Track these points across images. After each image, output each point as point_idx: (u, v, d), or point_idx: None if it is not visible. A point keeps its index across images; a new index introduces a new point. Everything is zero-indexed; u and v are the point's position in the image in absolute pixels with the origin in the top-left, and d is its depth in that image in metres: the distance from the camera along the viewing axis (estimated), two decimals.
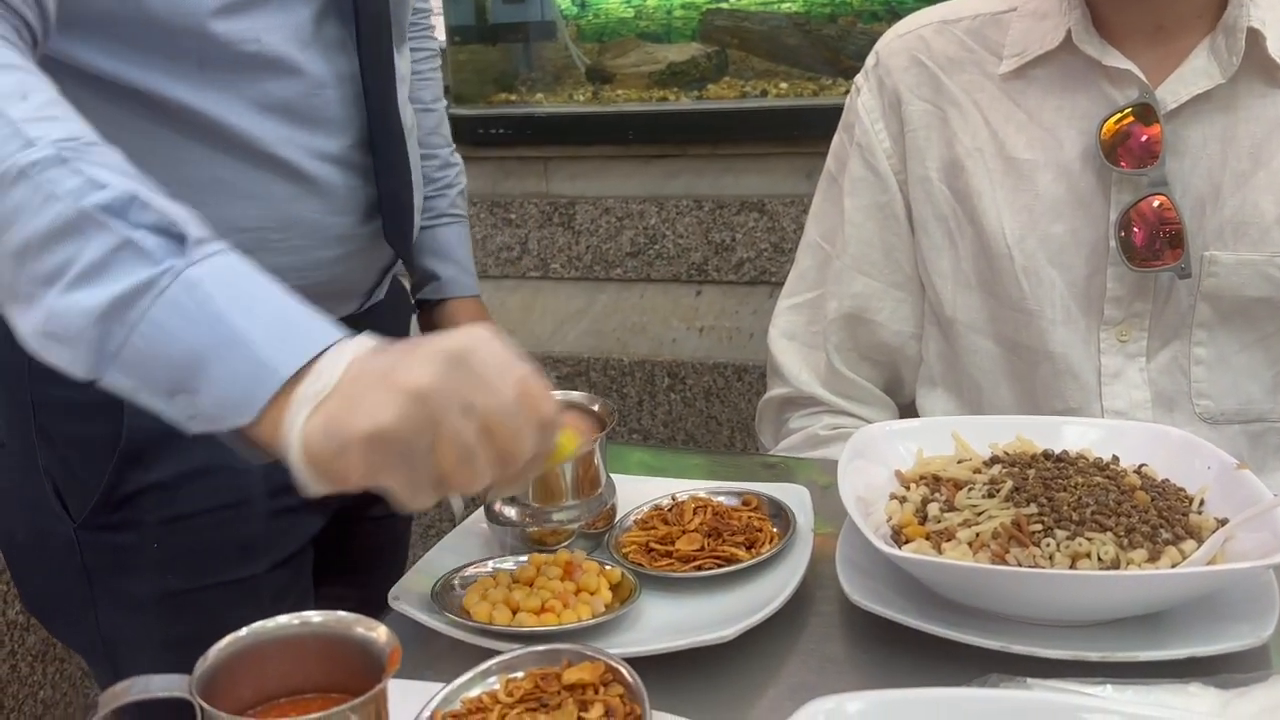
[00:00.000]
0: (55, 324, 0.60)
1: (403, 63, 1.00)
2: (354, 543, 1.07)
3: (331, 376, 0.58)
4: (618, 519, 0.87)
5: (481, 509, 0.87)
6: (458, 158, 1.31)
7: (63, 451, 0.90)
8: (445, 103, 1.29)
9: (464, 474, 0.58)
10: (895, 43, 1.12)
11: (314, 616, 0.57)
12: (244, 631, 0.57)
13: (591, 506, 0.85)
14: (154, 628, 0.92)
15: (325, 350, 0.59)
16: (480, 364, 0.58)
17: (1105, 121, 1.00)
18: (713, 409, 1.96)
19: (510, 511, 0.84)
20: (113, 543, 0.91)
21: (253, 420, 0.59)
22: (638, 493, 0.91)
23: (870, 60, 1.14)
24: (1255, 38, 0.96)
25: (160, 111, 0.83)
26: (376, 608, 0.76)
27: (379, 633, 0.56)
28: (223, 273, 0.60)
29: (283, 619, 0.57)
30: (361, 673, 0.55)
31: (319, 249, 0.93)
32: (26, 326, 0.61)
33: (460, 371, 0.58)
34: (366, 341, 0.61)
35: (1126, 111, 0.99)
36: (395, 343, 0.61)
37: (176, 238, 0.60)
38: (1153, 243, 0.98)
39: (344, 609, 0.59)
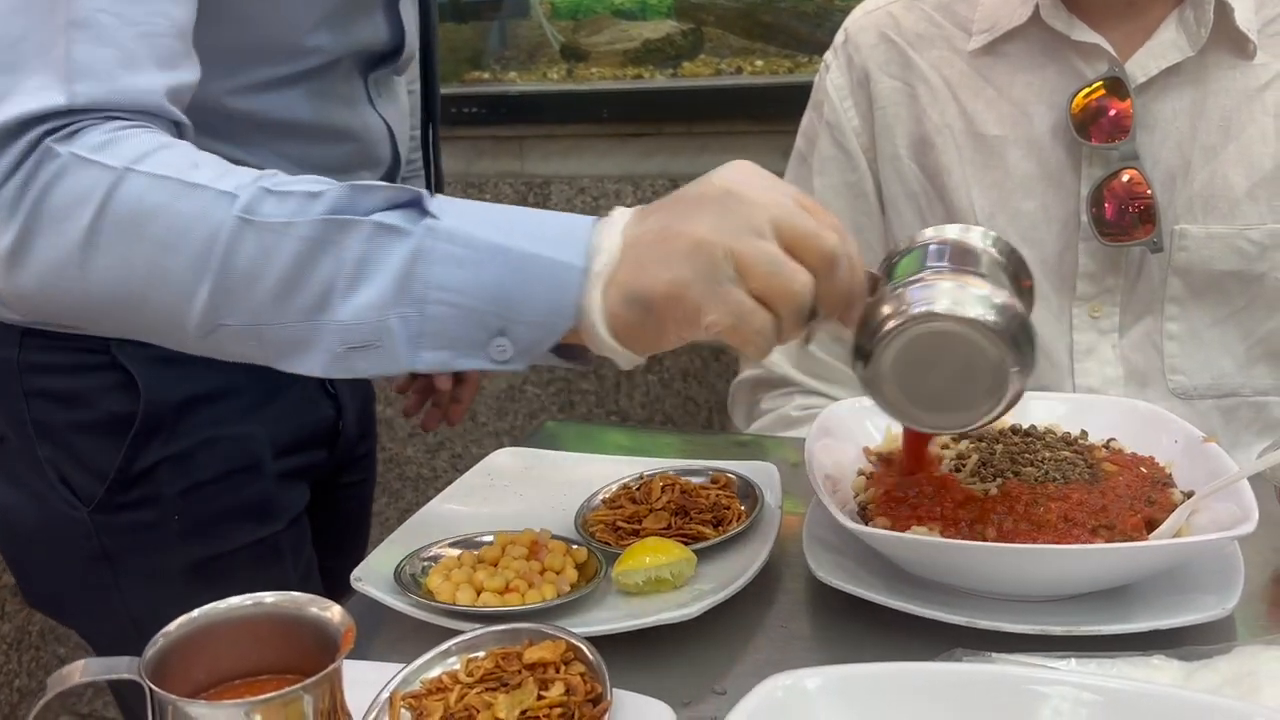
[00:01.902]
0: (351, 336, 0.61)
1: (401, 93, 1.04)
2: (325, 511, 1.09)
3: (611, 250, 0.60)
4: (585, 498, 0.86)
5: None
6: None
7: (64, 439, 0.91)
8: (418, 82, 1.28)
9: (781, 283, 0.59)
10: (864, 19, 1.11)
11: (267, 597, 0.57)
12: (196, 613, 0.56)
13: None
14: (185, 599, 0.92)
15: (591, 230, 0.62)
16: (749, 186, 0.61)
17: (1075, 96, 0.99)
18: (690, 390, 1.95)
19: None
20: (132, 521, 0.92)
21: (573, 321, 0.60)
22: (607, 472, 0.91)
23: (839, 37, 1.13)
24: (1223, 10, 0.96)
25: None
26: (347, 573, 0.76)
27: (333, 613, 0.55)
28: (465, 212, 0.62)
29: (235, 600, 0.56)
30: (316, 653, 0.54)
31: None
32: (319, 361, 0.62)
33: (734, 200, 0.60)
34: (624, 211, 0.63)
35: (1097, 85, 0.99)
36: (653, 204, 0.63)
37: (411, 204, 0.61)
38: (1123, 217, 0.98)
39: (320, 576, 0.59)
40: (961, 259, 0.69)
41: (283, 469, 0.98)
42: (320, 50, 0.87)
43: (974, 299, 0.62)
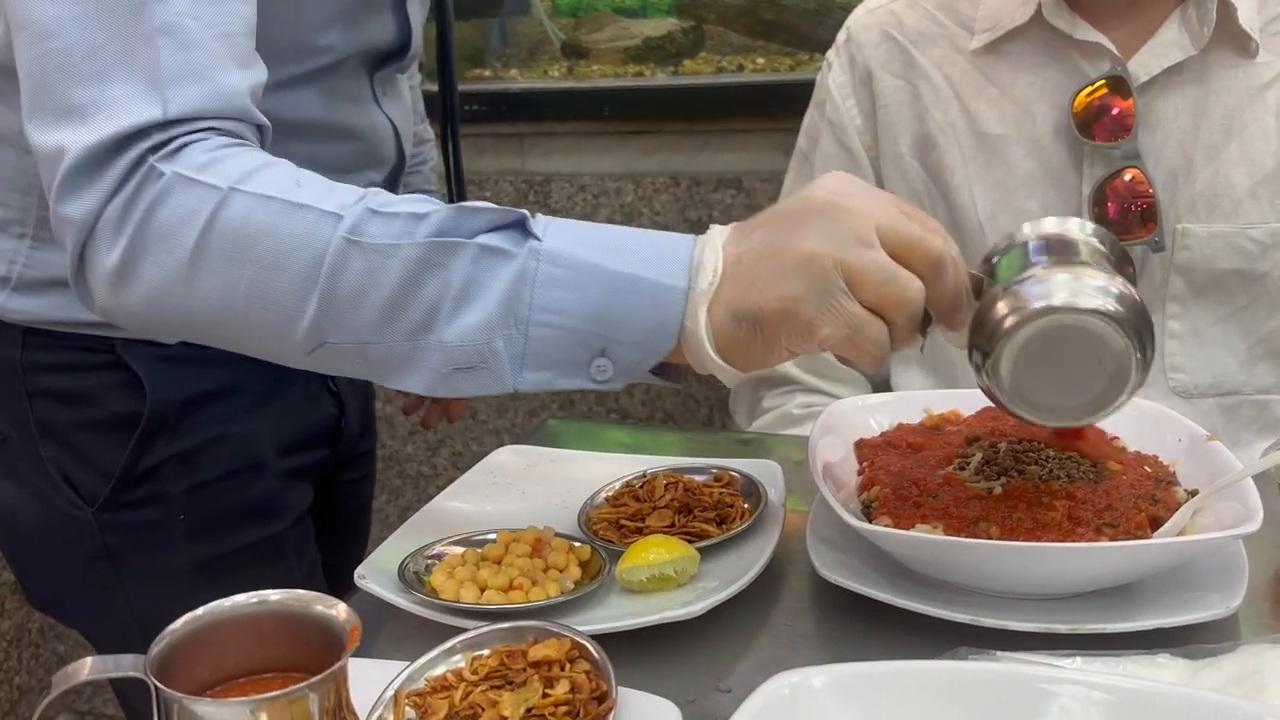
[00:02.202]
0: (457, 357, 0.61)
1: (403, 90, 1.05)
2: (326, 509, 1.09)
3: (714, 267, 0.61)
4: (588, 496, 0.86)
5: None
6: (430, 131, 1.30)
7: (67, 438, 0.90)
8: (419, 78, 1.28)
9: (895, 291, 0.60)
10: (866, 18, 1.11)
11: (272, 595, 0.56)
12: (201, 611, 0.56)
13: None
14: (189, 598, 0.93)
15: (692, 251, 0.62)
16: (851, 196, 0.61)
17: (1077, 95, 0.99)
18: (690, 388, 1.95)
19: None
20: (137, 520, 0.92)
21: (675, 342, 0.61)
22: (610, 470, 0.90)
23: (841, 36, 1.13)
24: (1226, 9, 0.96)
25: None
26: (348, 571, 0.76)
27: (338, 610, 0.55)
28: (567, 233, 0.62)
29: (240, 598, 0.56)
30: (321, 651, 0.54)
31: None
32: (423, 380, 0.62)
33: (838, 210, 0.60)
34: (722, 229, 0.64)
35: (1100, 84, 0.99)
36: (754, 219, 0.63)
37: (515, 225, 0.62)
38: (1125, 216, 0.98)
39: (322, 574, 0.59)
40: (1064, 251, 0.68)
41: (287, 468, 0.98)
42: (331, 49, 0.87)
43: (1092, 289, 0.62)
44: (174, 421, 0.90)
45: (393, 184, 1.02)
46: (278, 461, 0.97)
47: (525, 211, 0.63)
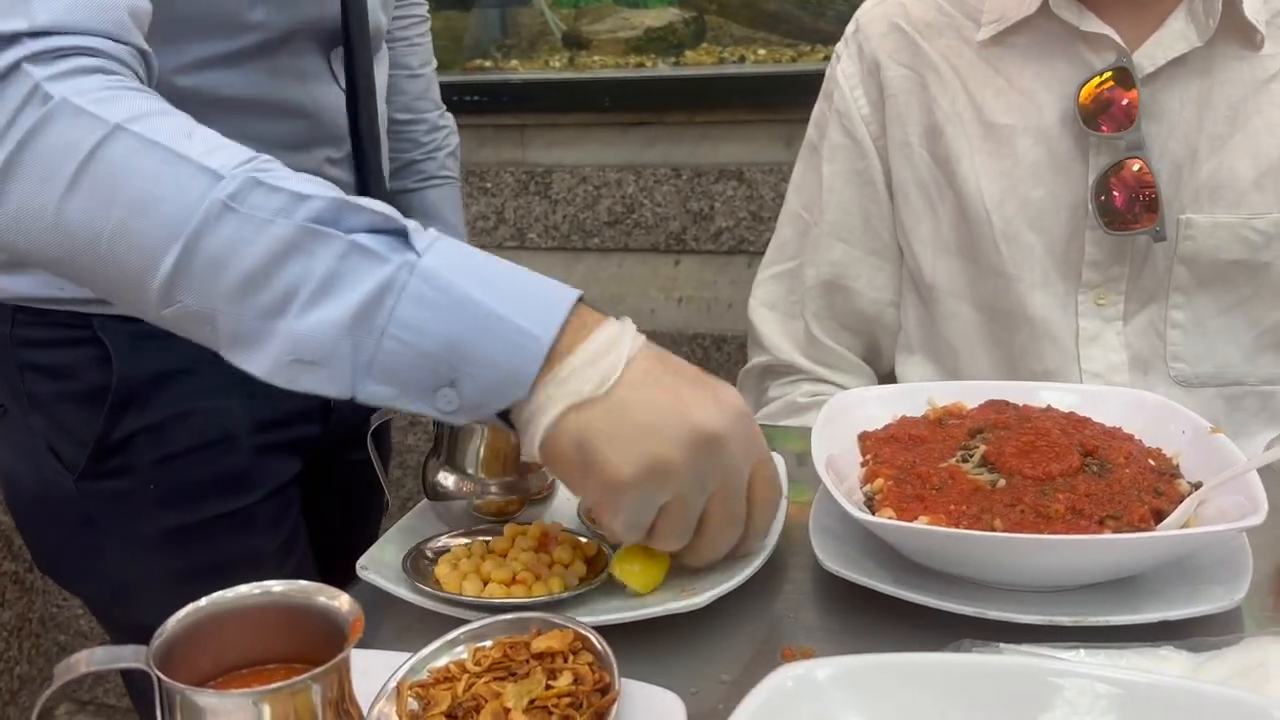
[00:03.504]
0: (302, 348, 0.59)
1: (380, 73, 1.04)
2: (335, 483, 1.10)
3: (607, 374, 0.60)
4: None
5: (422, 486, 0.86)
6: (448, 119, 1.30)
7: (52, 410, 0.94)
8: (434, 64, 1.27)
9: (719, 541, 0.66)
10: (875, 10, 1.12)
11: (275, 586, 0.56)
12: (203, 602, 0.55)
13: (536, 480, 0.84)
14: (161, 563, 0.97)
15: (593, 328, 0.61)
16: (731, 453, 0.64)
17: (1083, 86, 0.99)
18: None
19: (450, 483, 0.83)
20: (111, 489, 0.94)
21: (526, 393, 0.59)
22: None
23: (850, 28, 1.14)
24: (1232, 1, 0.95)
25: None
26: (360, 549, 0.77)
27: (341, 602, 0.55)
28: (450, 257, 0.60)
29: (243, 589, 0.56)
30: (324, 642, 0.54)
31: None
32: (264, 363, 0.60)
33: (716, 455, 0.62)
34: (636, 339, 0.63)
35: (1106, 76, 0.98)
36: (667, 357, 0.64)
37: (397, 233, 0.60)
38: (1131, 207, 0.98)
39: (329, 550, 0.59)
40: None
41: (264, 442, 0.99)
42: (263, 26, 0.87)
43: None
44: (143, 395, 0.93)
45: (361, 162, 1.02)
46: (252, 436, 0.97)
47: (415, 224, 0.61)
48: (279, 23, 0.88)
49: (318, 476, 1.06)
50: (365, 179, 1.02)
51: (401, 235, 0.60)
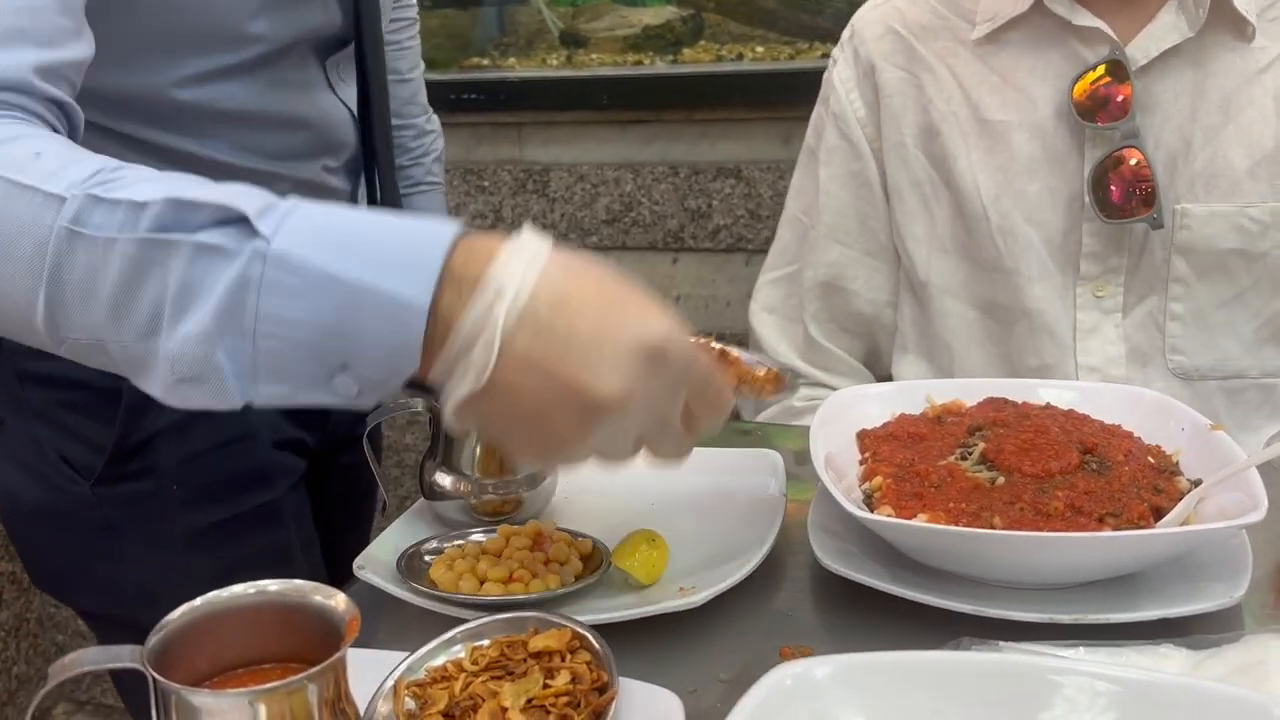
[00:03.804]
0: (181, 368, 0.55)
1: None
2: (330, 488, 1.09)
3: (481, 366, 0.53)
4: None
5: (420, 486, 0.86)
6: (435, 124, 1.30)
7: (58, 419, 0.91)
8: (422, 68, 1.27)
9: (665, 442, 0.60)
10: (870, 14, 1.13)
11: (270, 585, 0.56)
12: (199, 601, 0.55)
13: (533, 479, 0.84)
14: (192, 563, 0.95)
15: (473, 283, 0.53)
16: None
17: (1077, 80, 1.00)
18: None
19: (447, 483, 0.83)
20: (132, 492, 0.93)
21: (418, 364, 0.54)
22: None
23: (846, 33, 1.15)
24: None
25: (147, 150, 0.84)
26: (352, 554, 0.76)
27: (337, 601, 0.55)
28: (304, 232, 0.55)
29: (238, 588, 0.56)
30: (320, 642, 0.54)
31: None
32: (157, 387, 0.57)
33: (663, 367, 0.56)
34: (535, 244, 0.56)
35: (1100, 70, 0.99)
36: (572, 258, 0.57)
37: (238, 221, 0.55)
38: (1129, 199, 0.99)
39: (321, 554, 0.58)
40: None
41: (278, 438, 0.99)
42: (264, 38, 0.85)
43: None
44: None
45: (356, 171, 1.02)
46: (269, 431, 0.97)
47: (263, 199, 0.56)
48: (281, 35, 0.86)
49: (313, 481, 1.05)
50: (378, 186, 1.01)
51: (243, 221, 0.55)
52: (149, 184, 0.57)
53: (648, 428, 0.58)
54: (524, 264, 0.55)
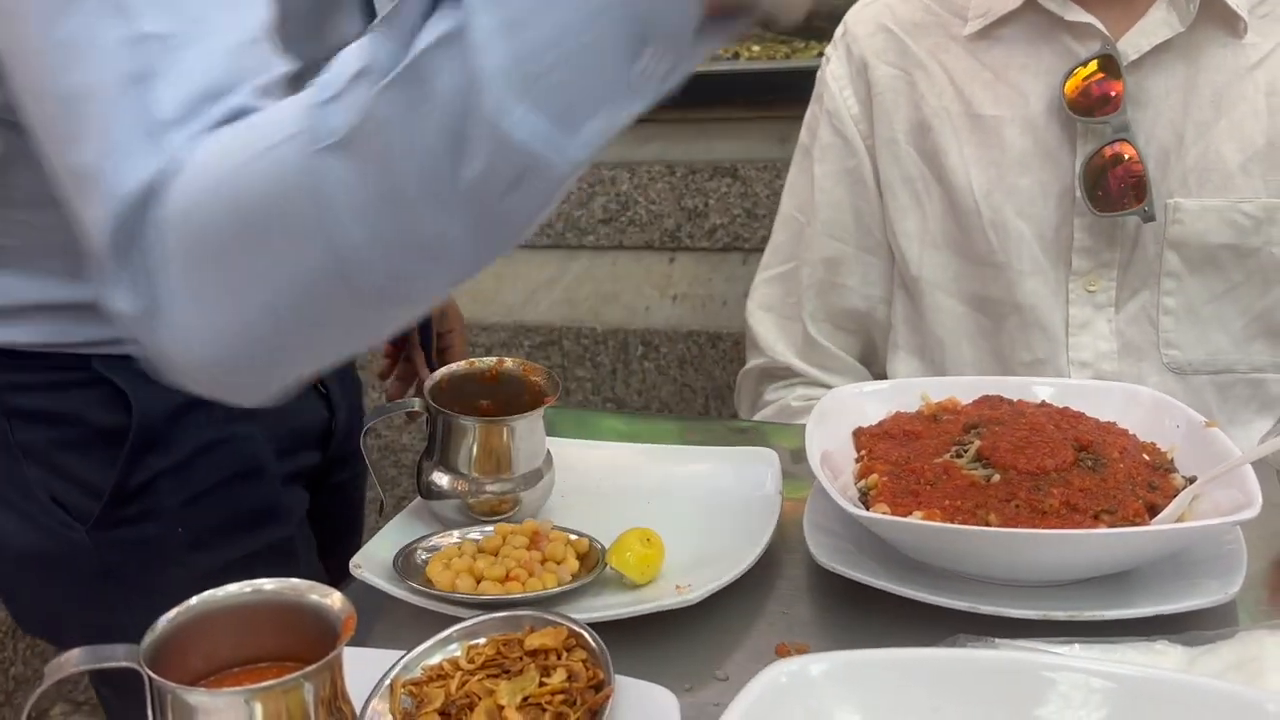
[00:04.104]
0: (505, 169, 0.46)
1: None
2: (320, 512, 1.06)
3: None
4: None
5: (417, 485, 0.86)
6: None
7: (51, 459, 0.87)
8: None
9: None
10: (862, 12, 1.14)
11: (267, 584, 0.56)
12: (194, 600, 0.55)
13: (530, 478, 0.84)
14: None
15: None
16: None
17: (1069, 75, 1.00)
18: (686, 377, 1.95)
19: (444, 482, 0.83)
20: (134, 537, 0.88)
21: None
22: (605, 459, 0.90)
23: (838, 31, 1.16)
24: None
25: None
26: (338, 575, 0.75)
27: (333, 600, 0.55)
28: None
29: (234, 587, 0.56)
30: (316, 641, 0.54)
31: None
32: (463, 224, 0.48)
33: None
34: None
35: (1093, 66, 0.99)
36: None
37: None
38: (1121, 194, 0.99)
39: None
40: None
41: (286, 471, 0.95)
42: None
43: None
44: (163, 433, 0.87)
45: None
46: (276, 464, 0.94)
47: None
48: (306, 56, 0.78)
49: (311, 505, 1.02)
50: None
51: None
52: (348, 56, 0.49)
53: None
54: None
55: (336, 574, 0.75)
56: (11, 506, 0.88)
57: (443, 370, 0.89)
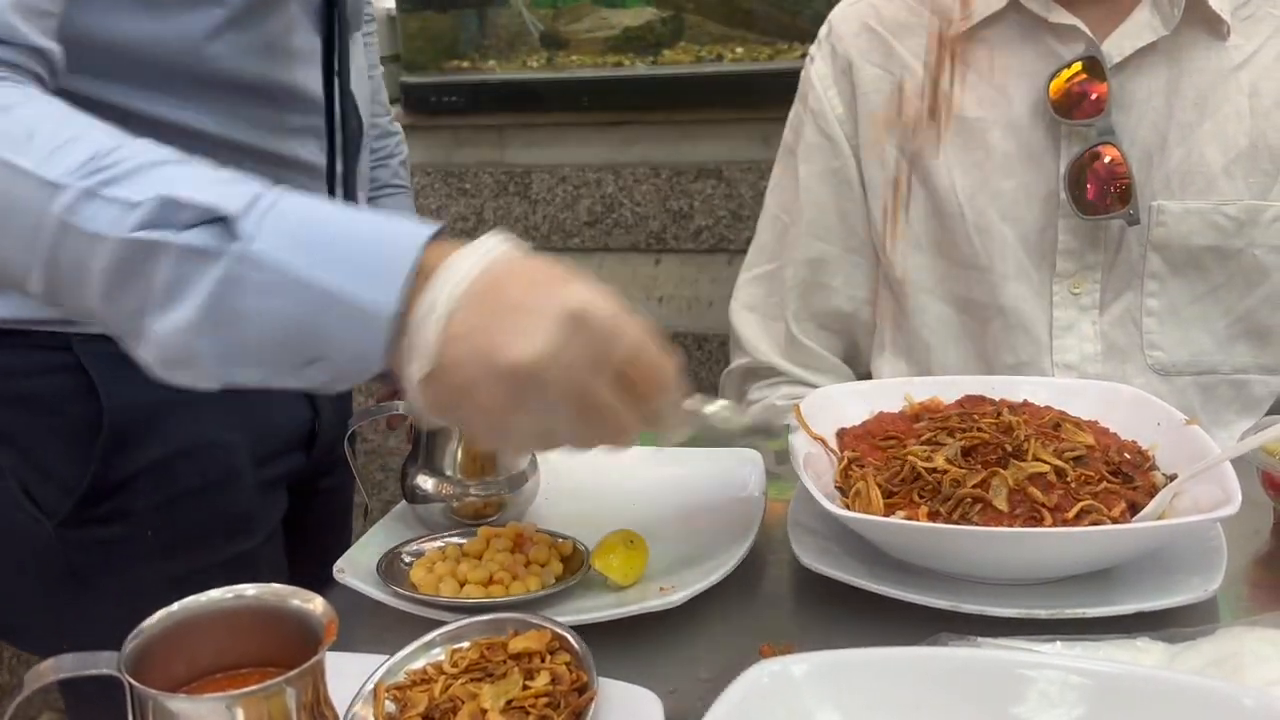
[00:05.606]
0: (167, 351, 0.59)
1: (357, 52, 1.00)
2: (306, 518, 1.06)
3: (469, 272, 0.55)
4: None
5: (402, 489, 0.86)
6: (397, 126, 1.29)
7: (27, 447, 0.85)
8: (381, 69, 1.26)
9: (602, 421, 0.57)
10: (847, 11, 1.13)
11: (248, 590, 0.56)
12: (175, 607, 0.55)
13: (514, 481, 0.84)
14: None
15: (443, 258, 0.55)
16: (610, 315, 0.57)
17: (1053, 78, 1.00)
18: None
19: (429, 486, 0.83)
20: (102, 536, 0.87)
21: (381, 364, 0.57)
22: (591, 461, 0.90)
23: (823, 30, 1.15)
24: None
25: (131, 119, 0.80)
26: (324, 581, 0.75)
27: (315, 604, 0.54)
28: (284, 234, 0.57)
29: (215, 593, 0.56)
30: (298, 646, 0.53)
31: None
32: (148, 358, 0.60)
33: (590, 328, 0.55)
34: (500, 244, 0.57)
35: (1076, 68, 0.99)
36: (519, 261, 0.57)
37: (221, 221, 0.57)
38: (1104, 197, 0.99)
39: (296, 581, 0.58)
40: None
41: (262, 479, 0.94)
42: None
43: None
44: (140, 431, 0.86)
45: (333, 137, 0.96)
46: (253, 473, 0.93)
47: (240, 201, 0.57)
48: None
49: (293, 508, 1.01)
50: (337, 154, 0.96)
51: (224, 221, 0.57)
52: (141, 176, 0.59)
53: (577, 399, 0.56)
54: (477, 255, 0.57)
55: (324, 579, 0.75)
56: None
57: None
